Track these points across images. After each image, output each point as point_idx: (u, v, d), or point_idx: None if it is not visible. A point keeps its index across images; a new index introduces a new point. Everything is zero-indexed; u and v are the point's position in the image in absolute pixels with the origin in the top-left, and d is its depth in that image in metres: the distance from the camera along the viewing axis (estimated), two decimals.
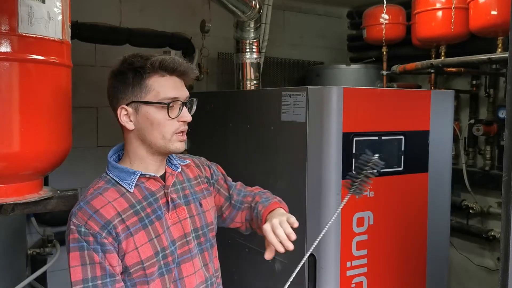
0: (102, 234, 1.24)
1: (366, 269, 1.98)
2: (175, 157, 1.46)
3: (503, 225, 1.09)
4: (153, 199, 1.35)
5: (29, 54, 1.28)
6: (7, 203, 1.40)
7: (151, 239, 1.31)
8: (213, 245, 1.51)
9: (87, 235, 1.24)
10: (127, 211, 1.29)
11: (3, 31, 1.22)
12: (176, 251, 1.36)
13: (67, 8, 1.39)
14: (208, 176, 1.55)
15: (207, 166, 1.57)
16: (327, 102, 1.89)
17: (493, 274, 3.19)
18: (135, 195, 1.33)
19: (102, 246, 1.24)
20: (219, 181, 1.58)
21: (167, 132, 1.32)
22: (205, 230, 1.46)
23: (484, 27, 2.52)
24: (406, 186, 2.11)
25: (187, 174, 1.48)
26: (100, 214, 1.26)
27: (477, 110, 3.29)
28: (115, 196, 1.31)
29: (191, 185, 1.47)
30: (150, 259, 1.30)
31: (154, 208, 1.34)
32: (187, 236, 1.40)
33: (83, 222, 1.25)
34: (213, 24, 3.06)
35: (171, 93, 1.31)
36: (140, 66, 1.31)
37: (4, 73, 1.24)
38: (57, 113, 1.45)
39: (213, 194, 1.55)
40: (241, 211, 1.56)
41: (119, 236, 1.26)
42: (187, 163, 1.50)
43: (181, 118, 1.33)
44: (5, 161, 1.34)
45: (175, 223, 1.37)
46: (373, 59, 3.73)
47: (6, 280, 2.26)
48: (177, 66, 1.33)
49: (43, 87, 1.36)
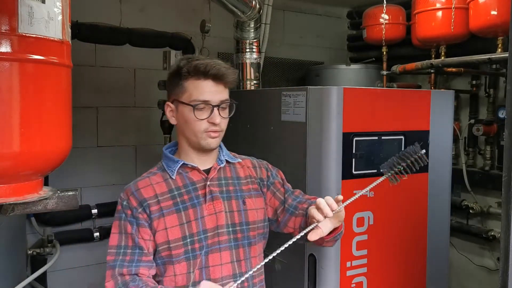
0: (138, 209, 1.43)
1: (366, 269, 1.98)
2: (225, 154, 1.57)
3: (503, 225, 1.09)
4: (193, 188, 1.48)
5: (29, 54, 1.28)
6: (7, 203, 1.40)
7: (182, 224, 1.44)
8: (253, 244, 1.54)
9: (127, 208, 1.45)
10: (164, 195, 1.46)
11: (3, 31, 1.22)
12: (206, 240, 1.45)
13: (67, 8, 1.39)
14: (263, 177, 1.61)
15: (265, 168, 1.64)
16: (327, 102, 1.89)
17: (493, 274, 3.19)
18: (176, 182, 1.48)
19: (137, 220, 1.42)
20: (276, 184, 1.62)
21: (197, 130, 1.46)
22: (244, 228, 1.51)
23: (484, 27, 2.52)
24: (406, 186, 2.11)
25: (237, 172, 1.58)
26: (140, 192, 1.45)
27: (477, 110, 3.29)
28: (159, 180, 1.49)
29: (238, 182, 1.56)
30: (177, 241, 1.42)
31: (192, 196, 1.47)
32: (219, 228, 1.47)
33: (126, 198, 1.46)
34: (213, 24, 3.06)
35: (202, 96, 1.44)
36: (182, 68, 1.45)
37: (4, 73, 1.24)
38: (57, 113, 1.45)
39: (268, 196, 1.60)
40: (294, 217, 1.58)
41: (152, 215, 1.42)
42: (239, 162, 1.60)
43: (210, 120, 1.45)
44: (5, 161, 1.34)
45: (210, 214, 1.47)
46: (373, 59, 3.73)
47: (6, 280, 2.26)
48: (209, 70, 1.43)
49: (43, 87, 1.36)
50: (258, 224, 1.55)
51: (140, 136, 3.45)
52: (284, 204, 1.59)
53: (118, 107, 3.36)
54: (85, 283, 3.26)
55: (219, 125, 1.47)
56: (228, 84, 1.50)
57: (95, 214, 3.24)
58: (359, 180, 1.96)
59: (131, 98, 3.40)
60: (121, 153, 3.39)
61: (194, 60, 1.45)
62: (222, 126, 1.49)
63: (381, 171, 1.36)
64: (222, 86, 1.48)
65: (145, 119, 3.46)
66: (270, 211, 1.60)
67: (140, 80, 3.41)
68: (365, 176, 1.97)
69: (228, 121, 1.52)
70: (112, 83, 3.32)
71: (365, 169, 1.97)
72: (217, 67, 1.45)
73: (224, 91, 1.49)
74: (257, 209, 1.56)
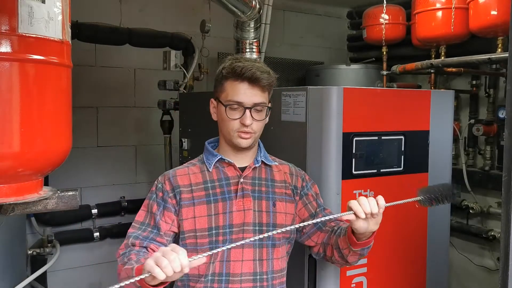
0: (170, 194, 1.52)
1: (366, 269, 1.98)
2: (263, 155, 1.62)
3: (503, 225, 1.09)
4: (226, 183, 1.54)
5: (29, 54, 1.28)
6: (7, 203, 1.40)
7: (210, 215, 1.50)
8: (277, 245, 1.56)
9: (160, 190, 1.53)
10: (198, 185, 1.53)
11: (3, 31, 1.22)
12: (231, 235, 1.49)
13: (67, 8, 1.39)
14: (297, 186, 1.64)
15: (301, 178, 1.67)
16: (327, 102, 1.89)
17: (493, 274, 3.19)
18: (212, 175, 1.56)
19: (165, 203, 1.51)
20: (309, 196, 1.65)
21: (230, 129, 1.52)
22: (271, 229, 1.53)
23: (484, 27, 2.52)
24: (406, 186, 2.11)
25: (273, 175, 1.62)
26: (175, 179, 1.54)
27: (477, 110, 3.29)
28: (196, 171, 1.57)
29: (272, 185, 1.59)
30: (203, 231, 1.49)
31: (224, 191, 1.53)
32: (245, 225, 1.52)
33: (162, 181, 1.55)
34: (213, 24, 3.06)
35: (236, 97, 1.50)
36: (224, 68, 1.53)
37: (4, 73, 1.24)
38: (57, 113, 1.45)
39: (298, 206, 1.63)
40: (320, 231, 1.61)
41: (182, 201, 1.51)
42: (275, 165, 1.64)
43: (241, 121, 1.50)
44: (5, 161, 1.34)
45: (239, 210, 1.52)
46: (373, 59, 3.73)
47: (6, 280, 2.26)
48: (245, 72, 1.48)
49: (43, 87, 1.36)
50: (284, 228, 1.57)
51: (140, 136, 3.46)
52: (313, 218, 1.60)
53: (118, 107, 3.36)
54: (85, 283, 3.26)
55: (251, 127, 1.51)
56: (265, 88, 1.53)
57: (95, 214, 3.24)
58: (359, 180, 1.96)
59: (131, 98, 3.41)
60: (121, 153, 3.39)
61: (234, 61, 1.52)
62: (254, 128, 1.52)
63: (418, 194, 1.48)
64: (258, 89, 1.51)
65: (145, 119, 3.46)
66: (297, 221, 1.62)
67: (140, 80, 3.41)
68: (365, 176, 1.97)
69: (263, 123, 1.56)
70: (112, 83, 3.32)
71: (365, 169, 1.97)
72: (253, 70, 1.48)
73: (259, 95, 1.52)
74: (286, 213, 1.59)
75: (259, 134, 1.58)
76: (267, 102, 1.56)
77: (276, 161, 1.67)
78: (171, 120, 3.24)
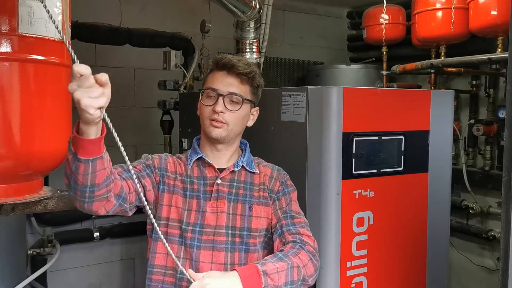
0: (155, 170, 1.54)
1: (366, 269, 1.98)
2: (245, 160, 1.59)
3: (503, 225, 1.09)
4: (203, 183, 1.54)
5: (29, 54, 1.28)
6: (7, 203, 1.40)
7: (184, 209, 1.50)
8: (252, 251, 1.51)
9: (149, 159, 1.57)
10: (182, 176, 1.56)
11: (3, 31, 1.22)
12: (200, 235, 1.48)
13: (67, 8, 1.39)
14: (273, 189, 1.59)
15: (280, 182, 1.62)
16: (327, 102, 1.89)
17: (493, 274, 3.19)
18: (193, 171, 1.57)
19: (147, 167, 1.54)
20: (282, 201, 1.58)
21: (204, 117, 1.54)
22: (244, 233, 1.50)
23: (484, 27, 2.52)
24: (406, 186, 2.11)
25: (252, 178, 1.59)
26: (165, 163, 1.57)
27: (477, 110, 3.29)
28: (183, 163, 1.59)
29: (251, 188, 1.56)
30: (175, 221, 1.50)
31: (200, 189, 1.53)
32: (218, 228, 1.49)
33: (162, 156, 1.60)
34: (213, 24, 3.06)
35: (212, 84, 1.53)
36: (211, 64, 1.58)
37: (4, 73, 1.24)
38: (57, 113, 1.45)
39: (271, 209, 1.58)
40: (279, 240, 1.54)
41: (163, 185, 1.53)
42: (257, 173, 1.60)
43: (213, 108, 1.50)
44: (5, 161, 1.34)
45: (212, 212, 1.51)
46: (373, 59, 3.73)
47: (6, 280, 2.26)
48: (223, 59, 1.52)
49: (43, 87, 1.36)
50: (260, 233, 1.54)
51: (140, 136, 3.45)
52: (277, 224, 1.56)
53: (118, 107, 3.35)
54: (85, 283, 3.26)
55: (223, 116, 1.49)
56: (244, 80, 1.53)
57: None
58: (359, 180, 1.96)
59: (131, 98, 3.40)
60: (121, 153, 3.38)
61: (219, 55, 1.56)
62: (226, 118, 1.50)
63: None
64: (235, 78, 1.52)
65: (145, 119, 3.46)
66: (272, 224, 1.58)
67: (140, 80, 3.41)
68: (365, 176, 1.97)
69: (239, 118, 1.54)
70: (112, 83, 3.31)
71: (365, 169, 1.97)
72: (229, 58, 1.52)
73: (236, 85, 1.52)
74: (262, 217, 1.54)
75: (236, 130, 1.54)
76: (246, 96, 1.54)
77: (261, 166, 1.63)
78: (171, 120, 3.23)
